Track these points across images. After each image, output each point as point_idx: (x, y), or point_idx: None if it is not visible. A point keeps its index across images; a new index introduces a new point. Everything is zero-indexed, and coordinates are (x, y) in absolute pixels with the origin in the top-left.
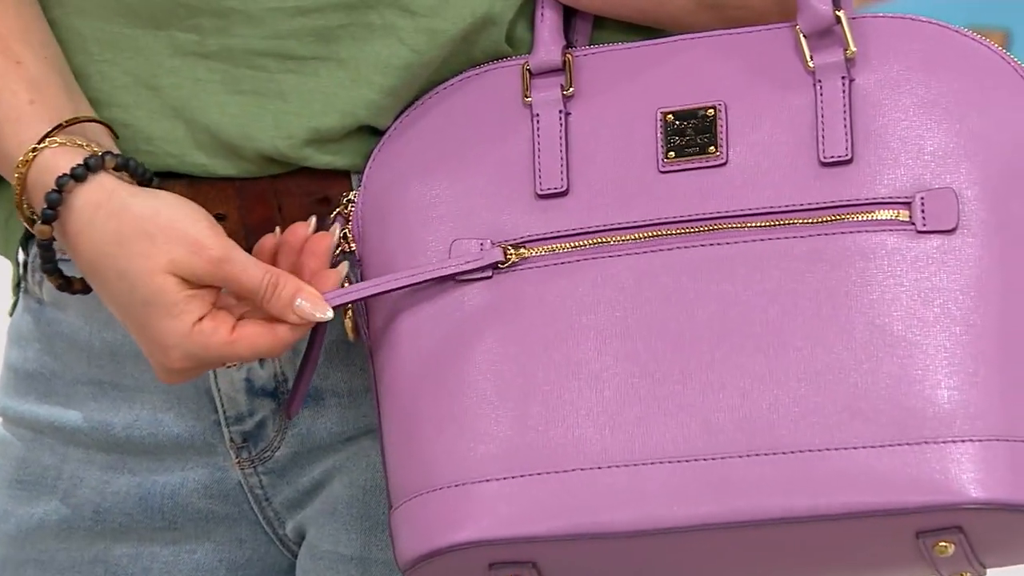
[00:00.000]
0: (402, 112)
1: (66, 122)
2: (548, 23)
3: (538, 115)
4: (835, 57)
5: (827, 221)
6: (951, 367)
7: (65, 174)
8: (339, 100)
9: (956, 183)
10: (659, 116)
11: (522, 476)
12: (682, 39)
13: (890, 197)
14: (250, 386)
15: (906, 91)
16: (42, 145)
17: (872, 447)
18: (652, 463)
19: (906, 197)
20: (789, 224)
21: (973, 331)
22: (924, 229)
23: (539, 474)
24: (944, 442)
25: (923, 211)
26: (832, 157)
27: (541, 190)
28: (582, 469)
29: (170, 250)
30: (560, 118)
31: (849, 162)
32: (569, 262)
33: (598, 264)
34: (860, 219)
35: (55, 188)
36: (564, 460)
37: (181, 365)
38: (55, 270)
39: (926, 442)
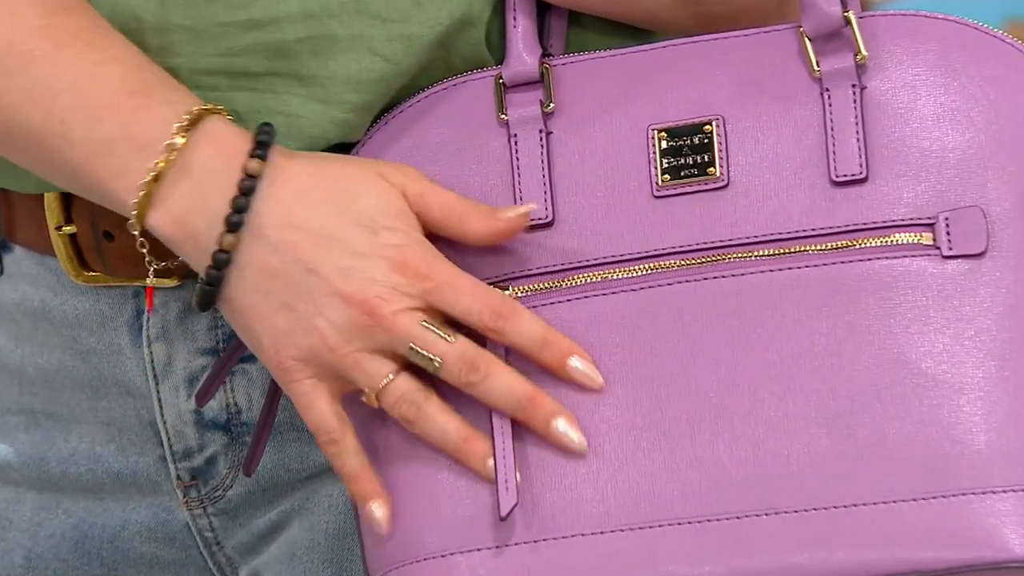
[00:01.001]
0: (370, 129)
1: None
2: (521, 29)
3: (516, 135)
4: (844, 62)
5: (842, 247)
6: (987, 407)
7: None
8: (305, 124)
9: (983, 200)
10: (651, 134)
11: (515, 544)
12: (673, 44)
13: (911, 218)
14: (199, 418)
15: (924, 97)
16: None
17: (904, 500)
18: (660, 525)
19: (929, 218)
20: (800, 252)
21: (1009, 365)
22: (950, 253)
23: (533, 542)
24: (984, 493)
25: (948, 233)
26: (845, 175)
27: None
28: (582, 535)
29: (375, 179)
30: (541, 138)
31: (864, 180)
32: (556, 302)
33: (589, 303)
34: (878, 244)
35: (258, 149)
36: (561, 525)
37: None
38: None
39: (964, 493)
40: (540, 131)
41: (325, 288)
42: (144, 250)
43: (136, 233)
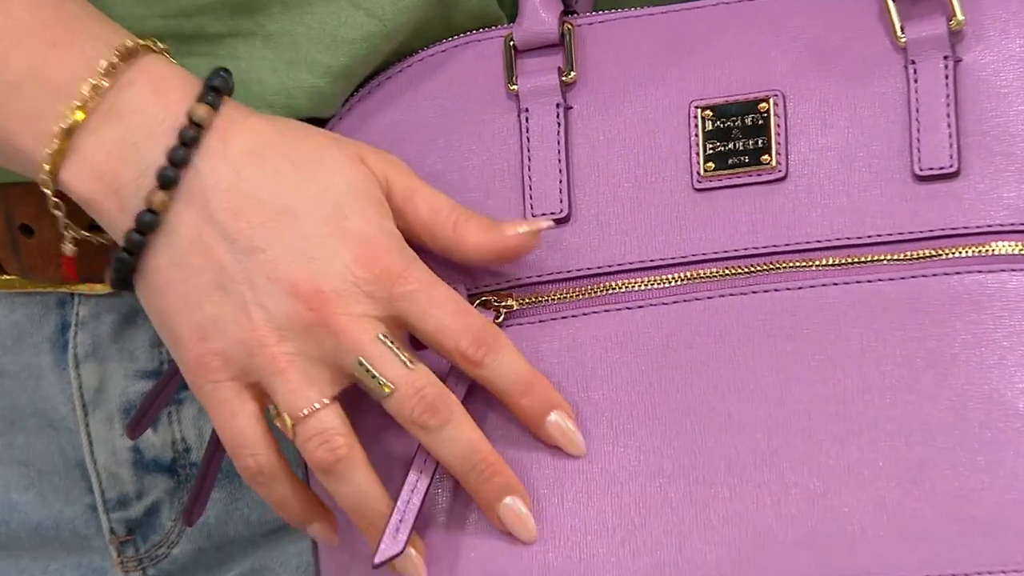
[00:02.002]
0: (350, 99)
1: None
2: None
3: (527, 110)
4: (935, 28)
5: (925, 257)
6: None
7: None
8: (268, 87)
9: None
10: (693, 112)
11: None
12: (724, 1)
13: (1011, 224)
14: (138, 457)
15: None
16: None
17: (991, 573)
18: None
19: None
20: (873, 262)
21: None
22: None
23: None
24: None
25: None
26: (931, 169)
27: (533, 215)
28: None
29: (351, 158)
30: (558, 114)
31: (955, 175)
32: (572, 316)
33: (610, 319)
34: (970, 254)
35: (208, 94)
36: None
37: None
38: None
39: None
40: (557, 105)
41: (269, 271)
42: (59, 213)
43: (49, 193)
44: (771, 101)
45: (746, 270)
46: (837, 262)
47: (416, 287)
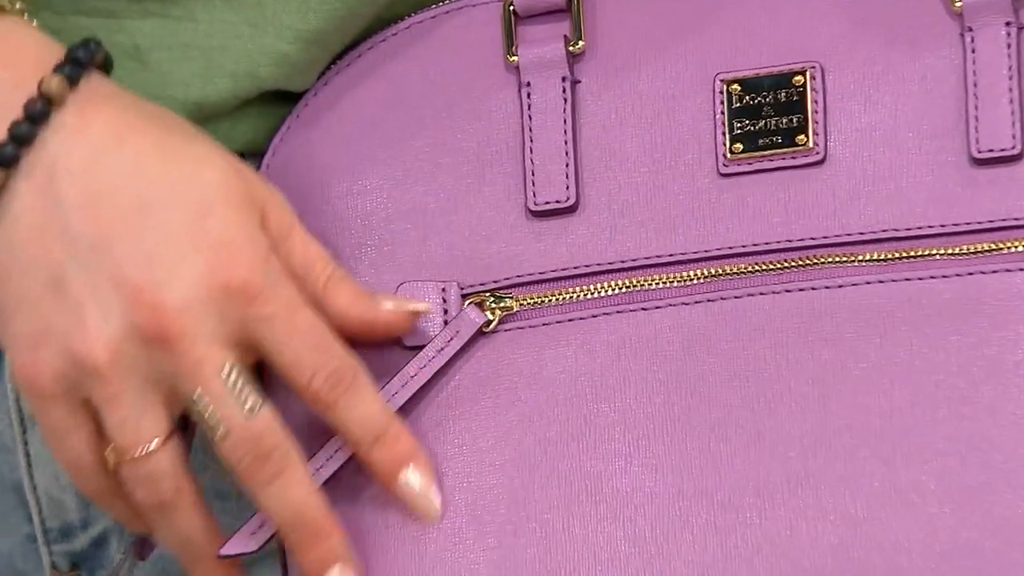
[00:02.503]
0: (326, 71)
1: None
2: None
3: (529, 83)
4: None
5: (984, 252)
6: None
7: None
8: (230, 54)
9: None
10: (719, 87)
11: None
12: None
13: None
14: None
15: None
16: None
17: None
18: None
19: None
20: (924, 257)
21: None
22: None
23: None
24: None
25: None
26: (990, 151)
27: (536, 204)
28: None
29: (228, 158)
30: (564, 89)
31: (1017, 158)
32: (580, 318)
33: (625, 322)
34: None
35: (66, 65)
36: None
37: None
38: None
39: None
40: (563, 79)
41: (113, 272)
42: None
43: None
44: (807, 74)
45: (779, 266)
46: (883, 257)
47: (275, 311)
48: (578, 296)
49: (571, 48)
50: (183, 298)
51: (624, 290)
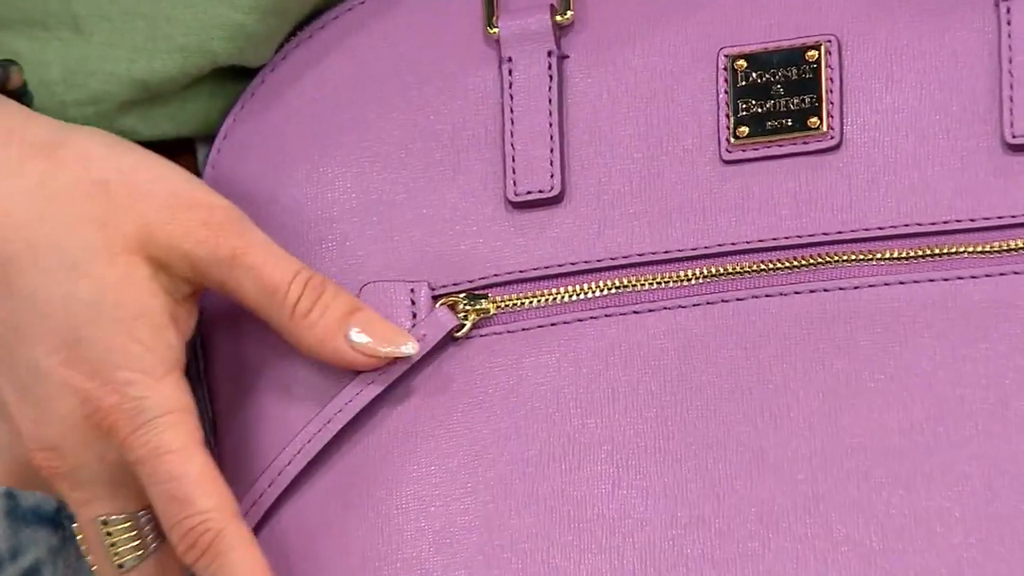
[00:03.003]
0: (285, 45)
1: None
2: None
3: (510, 59)
4: None
5: (1018, 250)
6: None
7: None
8: (179, 25)
9: None
10: (722, 63)
11: None
12: None
13: None
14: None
15: None
16: None
17: None
18: None
19: None
20: (951, 255)
21: None
22: None
23: None
24: None
25: None
26: None
27: (517, 194)
28: None
29: (144, 212)
30: (549, 65)
31: None
32: (564, 322)
33: (614, 326)
34: None
35: None
36: None
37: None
38: None
39: None
40: (549, 54)
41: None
42: None
43: None
44: (822, 48)
45: (787, 265)
46: (904, 255)
47: (141, 454)
48: (562, 298)
49: (558, 19)
50: (60, 441)
51: (614, 291)
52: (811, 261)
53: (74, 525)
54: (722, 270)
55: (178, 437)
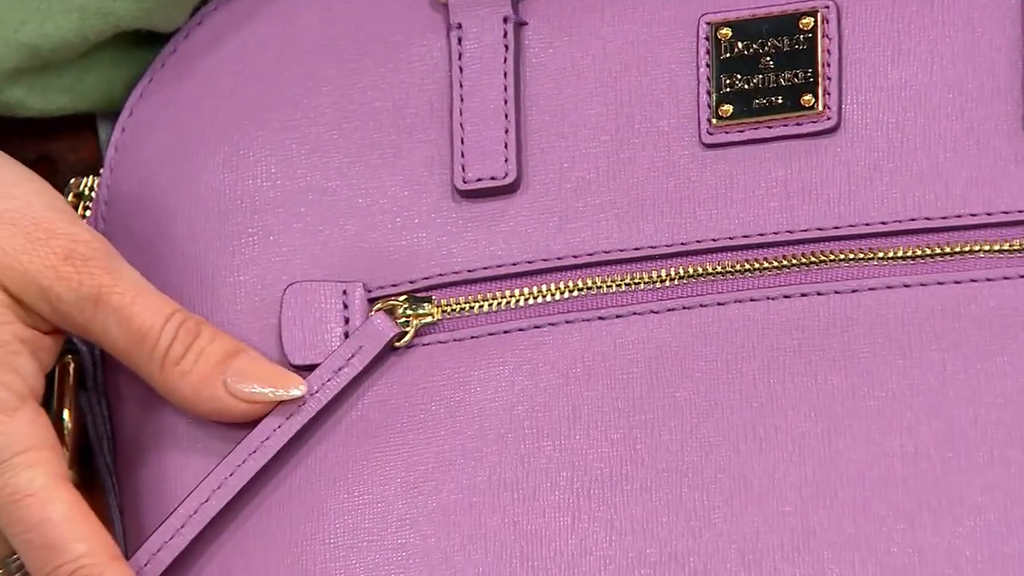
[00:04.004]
0: (200, 7)
1: None
2: None
3: (460, 26)
4: None
5: None
6: None
7: None
8: None
9: None
10: (703, 31)
11: None
12: None
13: None
14: None
15: None
16: None
17: None
18: None
19: None
20: (964, 254)
21: None
22: None
23: None
24: None
25: None
26: None
27: (466, 182)
28: None
29: None
30: (505, 33)
31: None
32: (519, 330)
33: (577, 335)
34: None
35: None
36: None
37: None
38: None
39: None
40: (505, 19)
41: None
42: None
43: None
44: (819, 16)
45: (775, 264)
46: (910, 253)
47: None
48: (517, 301)
49: None
50: None
51: (576, 294)
52: (803, 260)
53: None
54: (701, 270)
55: (36, 478)
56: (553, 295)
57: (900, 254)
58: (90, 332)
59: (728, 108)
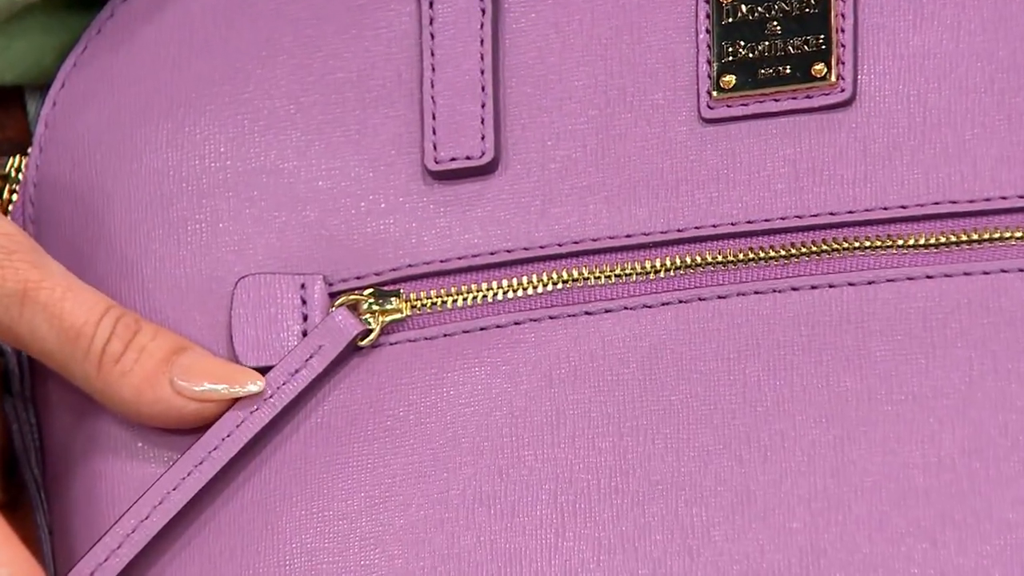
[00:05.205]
0: None
1: None
2: None
3: None
4: None
5: None
6: None
7: None
8: None
9: None
10: None
11: None
12: None
13: None
14: None
15: None
16: None
17: None
18: None
19: None
20: (993, 242)
21: None
22: None
23: None
24: None
25: None
26: None
27: (438, 162)
28: None
29: None
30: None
31: None
32: (497, 327)
33: (562, 332)
34: None
35: None
36: None
37: None
38: None
39: None
40: None
41: None
42: None
43: None
44: None
45: (783, 253)
46: (933, 241)
47: None
48: (495, 295)
49: None
50: None
51: (561, 286)
52: (813, 249)
53: None
54: (699, 260)
55: None
56: (535, 288)
57: (922, 242)
58: (15, 334)
59: (730, 79)
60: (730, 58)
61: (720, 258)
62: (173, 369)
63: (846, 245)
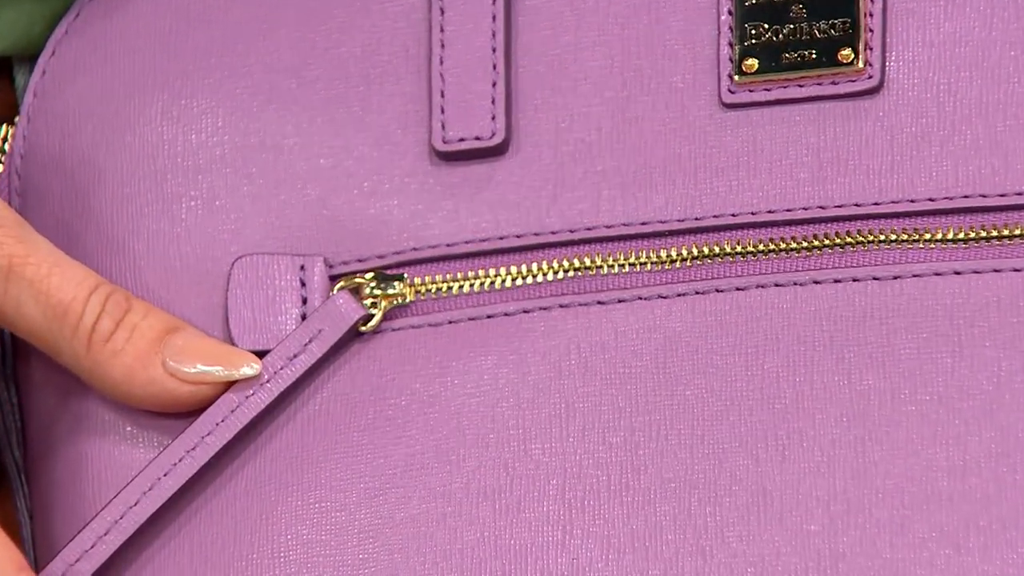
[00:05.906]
0: None
1: None
2: None
3: None
4: None
5: None
6: None
7: None
8: None
9: None
10: None
11: None
12: None
13: None
14: None
15: None
16: None
17: None
18: None
19: None
20: None
21: None
22: None
23: None
24: None
25: None
26: None
27: (446, 142)
28: None
29: None
30: None
31: None
32: (505, 314)
33: (571, 320)
34: None
35: None
36: None
37: None
38: None
39: None
40: None
41: None
42: None
43: None
44: None
45: (804, 245)
46: (962, 236)
47: None
48: (503, 281)
49: None
50: None
51: (572, 274)
52: (837, 241)
53: None
54: (718, 250)
55: None
56: (545, 275)
57: (950, 236)
58: (2, 313)
59: (753, 63)
60: (753, 41)
61: (739, 249)
62: (166, 349)
63: (871, 238)
